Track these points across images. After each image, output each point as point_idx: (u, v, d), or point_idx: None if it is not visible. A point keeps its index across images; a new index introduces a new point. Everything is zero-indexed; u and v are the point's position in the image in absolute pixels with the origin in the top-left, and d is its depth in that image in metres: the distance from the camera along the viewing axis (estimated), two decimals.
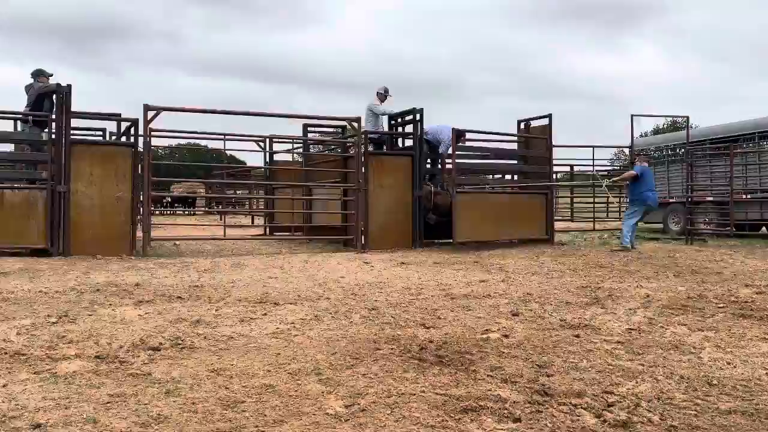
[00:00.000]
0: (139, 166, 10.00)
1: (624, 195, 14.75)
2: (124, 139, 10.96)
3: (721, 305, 5.46)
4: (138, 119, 9.97)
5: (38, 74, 10.65)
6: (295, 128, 13.85)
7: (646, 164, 11.78)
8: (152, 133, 10.02)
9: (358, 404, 2.84)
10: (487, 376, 3.32)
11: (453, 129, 11.60)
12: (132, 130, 10.26)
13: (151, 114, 9.83)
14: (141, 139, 9.98)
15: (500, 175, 14.84)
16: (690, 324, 4.69)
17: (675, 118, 38.34)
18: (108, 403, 2.88)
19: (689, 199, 14.32)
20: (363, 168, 11.13)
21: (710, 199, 15.67)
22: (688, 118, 15.89)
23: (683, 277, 7.45)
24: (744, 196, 14.98)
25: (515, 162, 13.60)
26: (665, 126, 48.87)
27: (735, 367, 3.55)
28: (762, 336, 4.30)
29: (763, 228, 15.85)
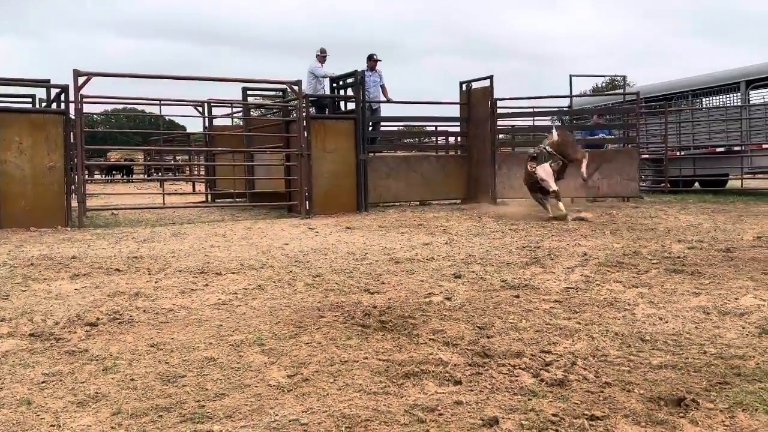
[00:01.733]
0: (72, 133, 9.65)
1: None
2: (54, 106, 10.54)
3: (655, 261, 5.64)
4: (68, 85, 9.58)
5: None
6: (234, 92, 13.56)
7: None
8: (84, 99, 9.66)
9: (301, 374, 2.84)
10: (429, 339, 3.36)
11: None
12: (62, 97, 9.87)
13: (81, 79, 9.46)
14: (72, 106, 9.61)
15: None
16: (625, 281, 4.84)
17: (613, 78, 39.10)
18: (43, 382, 2.81)
19: None
20: (305, 132, 11.00)
21: (646, 156, 16.11)
22: (625, 77, 16.31)
23: (619, 234, 7.67)
24: (678, 153, 15.46)
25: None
26: (604, 85, 49.79)
27: (666, 322, 3.68)
28: (693, 290, 4.47)
29: (696, 184, 16.41)
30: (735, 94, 15.15)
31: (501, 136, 13.70)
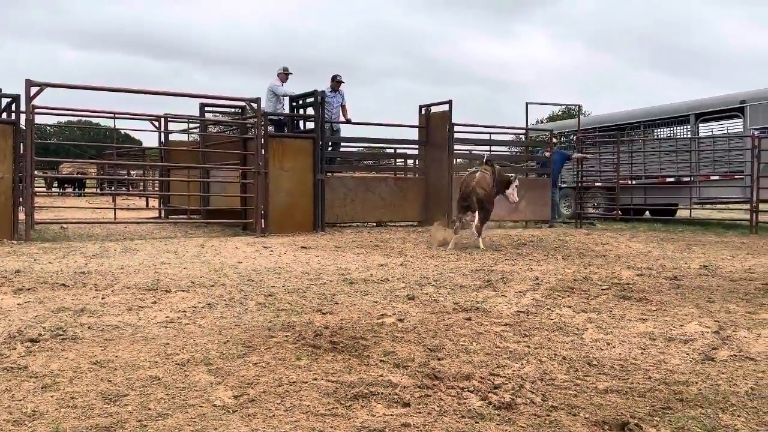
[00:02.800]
0: (22, 144, 9.41)
1: None
2: (4, 116, 10.27)
3: (605, 287, 5.74)
4: (20, 95, 9.36)
5: None
6: (192, 107, 13.47)
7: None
8: (36, 110, 9.45)
9: (248, 394, 2.80)
10: (380, 361, 3.34)
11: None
12: (13, 107, 9.63)
13: (34, 90, 9.25)
14: (23, 117, 9.38)
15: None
16: (575, 306, 4.90)
17: (569, 106, 39.94)
18: None
19: (579, 185, 14.99)
20: (263, 150, 10.93)
21: (599, 184, 16.46)
22: (580, 106, 16.66)
23: (571, 259, 7.79)
24: (629, 182, 15.83)
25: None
26: (560, 113, 50.79)
27: (614, 347, 3.74)
28: (640, 317, 4.55)
29: (647, 212, 16.79)
30: (685, 127, 15.62)
31: (459, 160, 13.84)
